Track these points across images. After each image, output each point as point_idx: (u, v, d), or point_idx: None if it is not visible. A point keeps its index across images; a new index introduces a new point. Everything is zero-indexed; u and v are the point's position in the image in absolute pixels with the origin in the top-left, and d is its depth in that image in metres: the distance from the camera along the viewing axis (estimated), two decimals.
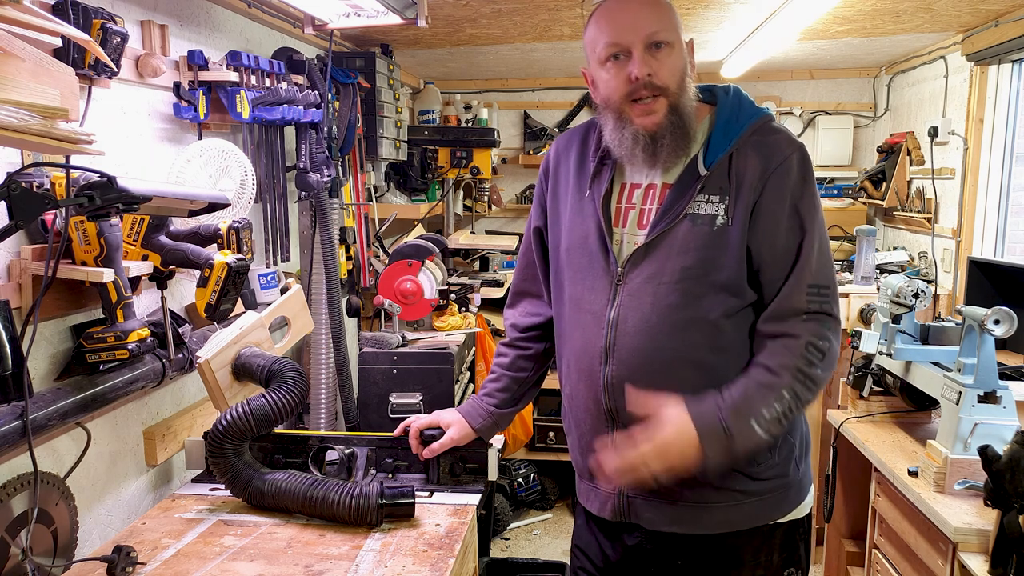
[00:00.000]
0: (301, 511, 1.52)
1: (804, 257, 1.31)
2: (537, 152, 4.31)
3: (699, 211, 1.32)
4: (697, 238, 1.31)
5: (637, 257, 1.35)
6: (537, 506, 3.86)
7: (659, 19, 1.31)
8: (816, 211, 1.33)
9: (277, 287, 2.10)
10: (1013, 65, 2.94)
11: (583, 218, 1.43)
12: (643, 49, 1.30)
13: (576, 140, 1.51)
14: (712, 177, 1.33)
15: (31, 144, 1.08)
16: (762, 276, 1.33)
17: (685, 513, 1.38)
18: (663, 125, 1.32)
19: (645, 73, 1.30)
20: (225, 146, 1.86)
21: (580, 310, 1.42)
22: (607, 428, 1.40)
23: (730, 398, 1.28)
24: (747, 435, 1.26)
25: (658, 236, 1.33)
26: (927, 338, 2.20)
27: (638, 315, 1.34)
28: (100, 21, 1.47)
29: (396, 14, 2.13)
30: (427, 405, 2.49)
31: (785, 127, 1.40)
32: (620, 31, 1.31)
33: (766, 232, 1.31)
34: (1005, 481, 1.52)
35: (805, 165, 1.34)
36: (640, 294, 1.34)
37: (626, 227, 1.40)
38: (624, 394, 1.35)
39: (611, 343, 1.36)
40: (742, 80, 3.97)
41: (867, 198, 3.83)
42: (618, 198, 1.42)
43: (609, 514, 1.44)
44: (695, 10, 2.64)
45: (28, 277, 1.40)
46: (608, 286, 1.38)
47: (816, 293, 1.31)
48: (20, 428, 1.27)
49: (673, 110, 1.33)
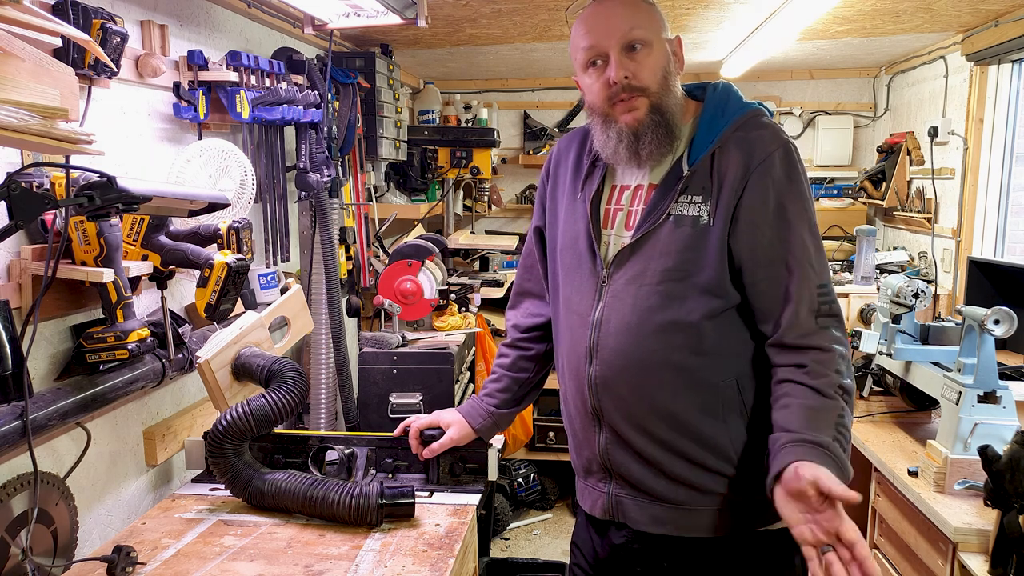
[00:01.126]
0: (301, 511, 1.52)
1: (802, 258, 1.28)
2: (537, 152, 4.31)
3: (682, 212, 1.31)
4: (679, 239, 1.30)
5: (622, 258, 1.35)
6: (537, 506, 3.86)
7: (634, 19, 1.30)
8: (805, 211, 1.30)
9: (277, 287, 2.10)
10: (1013, 65, 2.94)
11: (575, 219, 1.44)
12: (620, 52, 1.30)
13: (575, 142, 1.51)
14: (695, 176, 1.31)
15: (31, 144, 1.08)
16: (744, 277, 1.30)
17: (670, 514, 1.36)
18: (644, 122, 1.32)
19: (622, 76, 1.30)
20: (225, 146, 1.86)
21: (569, 311, 1.43)
22: (594, 427, 1.40)
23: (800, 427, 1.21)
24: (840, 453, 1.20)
25: (642, 237, 1.33)
26: (927, 338, 2.20)
27: (619, 316, 1.34)
28: (100, 21, 1.47)
29: (396, 14, 2.13)
30: (427, 405, 2.49)
31: (774, 122, 1.36)
32: (596, 36, 1.31)
33: (747, 232, 1.28)
34: (1005, 481, 1.52)
35: (790, 162, 1.30)
36: (623, 295, 1.34)
37: (614, 228, 1.40)
38: (607, 393, 1.35)
39: (595, 343, 1.36)
40: (742, 80, 3.98)
41: (867, 198, 3.83)
42: (608, 199, 1.43)
43: (599, 512, 1.44)
44: (695, 10, 2.64)
45: (28, 277, 1.40)
46: (594, 287, 1.38)
47: (825, 293, 1.30)
48: (20, 428, 1.27)
49: (655, 108, 1.32)
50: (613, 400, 1.35)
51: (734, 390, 1.33)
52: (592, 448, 1.42)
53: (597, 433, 1.40)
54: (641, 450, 1.35)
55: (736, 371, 1.33)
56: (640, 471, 1.37)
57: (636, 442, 1.35)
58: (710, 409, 1.32)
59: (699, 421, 1.32)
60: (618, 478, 1.40)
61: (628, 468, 1.38)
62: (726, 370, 1.33)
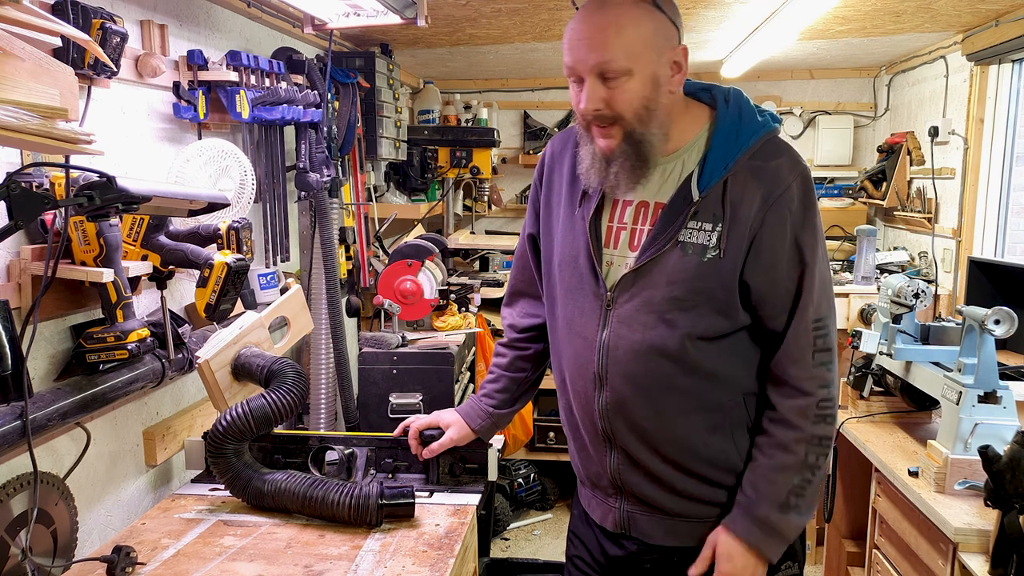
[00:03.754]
0: (301, 511, 1.52)
1: (806, 292, 1.28)
2: (537, 152, 4.31)
3: (690, 239, 1.27)
4: (687, 268, 1.27)
5: (626, 283, 1.32)
6: (537, 506, 3.86)
7: (614, 44, 1.22)
8: (817, 243, 1.29)
9: (277, 287, 2.09)
10: (1013, 65, 2.94)
11: (574, 235, 1.39)
12: (594, 79, 1.25)
13: (570, 144, 1.45)
14: (706, 203, 1.27)
15: (31, 144, 1.08)
16: (762, 310, 1.30)
17: (683, 527, 1.38)
18: (615, 151, 1.28)
19: (592, 109, 1.25)
20: (225, 146, 1.86)
21: (572, 332, 1.40)
22: (605, 448, 1.40)
23: (757, 494, 1.31)
24: (791, 521, 1.31)
25: (648, 262, 1.30)
26: (927, 338, 2.20)
27: (628, 343, 1.32)
28: (100, 21, 1.47)
29: (396, 14, 2.13)
30: (427, 405, 2.49)
31: (787, 144, 1.33)
32: (573, 58, 1.27)
33: (767, 268, 1.27)
34: (1005, 481, 1.52)
35: (807, 192, 1.29)
36: (630, 322, 1.32)
37: (617, 248, 1.36)
38: (619, 418, 1.35)
39: (603, 369, 1.34)
40: (742, 80, 3.98)
41: (867, 198, 3.83)
42: (610, 216, 1.37)
43: (611, 526, 1.45)
44: (695, 10, 2.64)
45: (28, 277, 1.40)
46: (598, 309, 1.35)
47: (820, 328, 1.29)
48: (20, 428, 1.27)
49: (628, 138, 1.27)
50: (625, 424, 1.35)
51: (741, 407, 1.34)
52: (603, 466, 1.42)
53: (608, 454, 1.40)
54: (653, 471, 1.36)
55: (743, 388, 1.34)
56: (652, 490, 1.38)
57: (649, 464, 1.36)
58: (719, 428, 1.33)
59: (709, 441, 1.33)
60: (630, 496, 1.41)
61: (640, 488, 1.38)
62: (733, 389, 1.33)
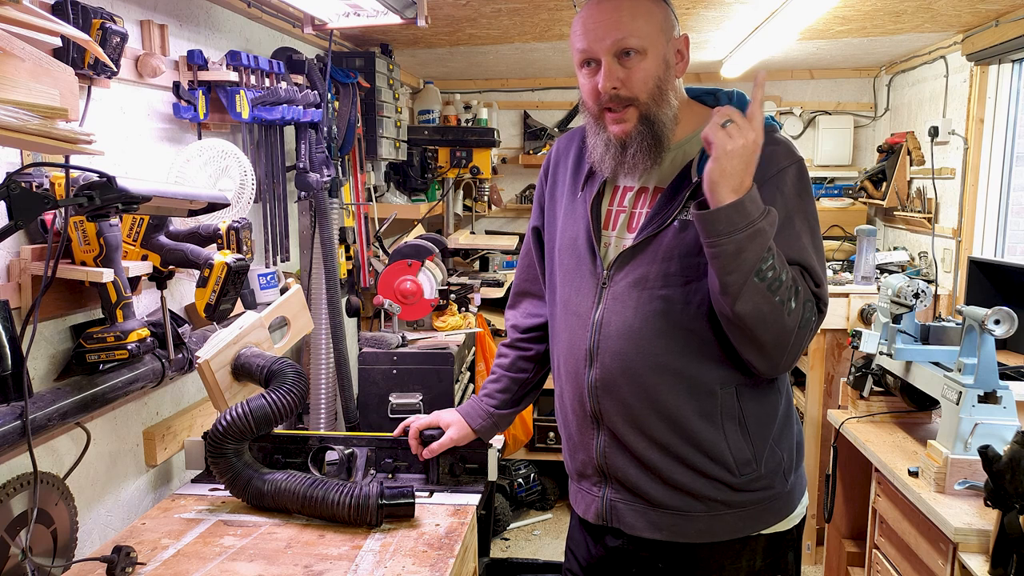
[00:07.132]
0: (301, 511, 1.52)
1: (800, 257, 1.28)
2: (537, 152, 4.31)
3: (688, 217, 1.29)
4: (683, 244, 1.29)
5: (623, 260, 1.34)
6: (537, 506, 3.86)
7: (631, 26, 1.26)
8: (812, 229, 1.30)
9: (277, 287, 2.09)
10: (1013, 65, 2.94)
11: (574, 219, 1.43)
12: (611, 58, 1.28)
13: (575, 141, 1.50)
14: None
15: (31, 144, 1.08)
16: None
17: (666, 520, 1.36)
18: (631, 133, 1.31)
19: (610, 87, 1.28)
20: (225, 146, 1.86)
21: (568, 311, 1.42)
22: (593, 430, 1.40)
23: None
24: (756, 258, 1.19)
25: (644, 240, 1.32)
26: (927, 338, 2.20)
27: (621, 319, 1.33)
28: (100, 21, 1.47)
29: (396, 14, 2.13)
30: (427, 405, 2.49)
31: (786, 138, 1.36)
32: (589, 40, 1.29)
33: None
34: (1005, 481, 1.52)
35: (802, 179, 1.31)
36: (624, 298, 1.33)
37: (615, 230, 1.39)
38: (608, 396, 1.34)
39: (595, 346, 1.35)
40: (742, 80, 3.97)
41: (867, 198, 3.83)
42: (610, 201, 1.41)
43: (593, 517, 1.44)
44: (695, 10, 2.64)
45: (28, 277, 1.40)
46: (594, 288, 1.37)
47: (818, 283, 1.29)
48: (20, 428, 1.27)
49: (644, 119, 1.30)
50: (613, 403, 1.35)
51: (732, 398, 1.33)
52: (589, 451, 1.42)
53: (595, 436, 1.40)
54: (640, 454, 1.35)
55: (735, 380, 1.33)
56: (638, 475, 1.37)
57: (635, 446, 1.35)
58: (708, 415, 1.32)
59: (697, 426, 1.32)
60: (614, 482, 1.40)
61: (626, 472, 1.37)
62: (725, 378, 1.33)
